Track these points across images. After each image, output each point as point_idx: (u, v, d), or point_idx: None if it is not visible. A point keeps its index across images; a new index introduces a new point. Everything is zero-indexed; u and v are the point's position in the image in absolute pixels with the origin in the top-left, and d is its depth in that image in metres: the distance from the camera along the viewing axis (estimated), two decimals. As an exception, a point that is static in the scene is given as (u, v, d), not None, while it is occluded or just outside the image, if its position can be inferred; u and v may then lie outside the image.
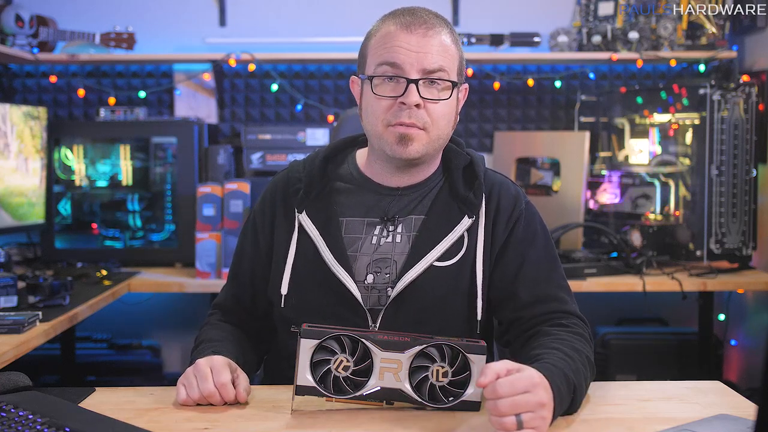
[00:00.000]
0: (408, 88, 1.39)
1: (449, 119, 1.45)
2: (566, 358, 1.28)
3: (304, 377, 1.26)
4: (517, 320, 1.45)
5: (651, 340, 3.10)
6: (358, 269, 1.45)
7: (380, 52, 1.41)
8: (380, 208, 1.49)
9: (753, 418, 0.84)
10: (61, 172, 3.17)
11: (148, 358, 3.31)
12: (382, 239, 1.47)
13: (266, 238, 1.53)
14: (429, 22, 1.41)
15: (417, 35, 1.39)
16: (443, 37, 1.42)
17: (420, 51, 1.39)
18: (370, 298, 1.45)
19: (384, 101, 1.41)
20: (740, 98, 2.85)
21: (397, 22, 1.41)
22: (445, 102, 1.42)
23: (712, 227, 2.85)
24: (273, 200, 1.54)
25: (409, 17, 1.41)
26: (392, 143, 1.41)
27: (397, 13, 1.44)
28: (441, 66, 1.40)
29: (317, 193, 1.50)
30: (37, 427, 1.13)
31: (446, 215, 1.47)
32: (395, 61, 1.39)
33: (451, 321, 1.45)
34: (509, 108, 3.48)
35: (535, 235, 1.50)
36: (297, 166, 1.55)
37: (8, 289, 2.13)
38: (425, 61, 1.39)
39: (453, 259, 1.45)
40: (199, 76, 3.36)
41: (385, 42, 1.41)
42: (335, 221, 1.48)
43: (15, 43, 3.03)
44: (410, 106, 1.39)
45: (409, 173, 1.49)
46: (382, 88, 1.41)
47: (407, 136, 1.40)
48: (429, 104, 1.40)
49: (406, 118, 1.39)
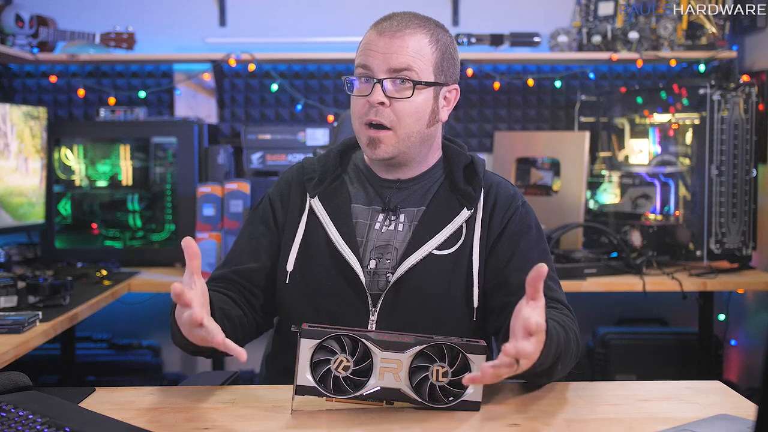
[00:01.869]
0: (373, 88, 1.47)
1: (419, 118, 1.50)
2: (557, 325, 1.32)
3: (304, 377, 1.26)
4: (507, 305, 1.46)
5: (651, 340, 3.10)
6: (363, 254, 1.51)
7: (358, 56, 1.52)
8: (381, 198, 1.56)
9: (753, 418, 0.84)
10: (61, 172, 3.17)
11: (148, 358, 3.31)
12: (385, 227, 1.53)
13: (280, 217, 1.59)
14: (402, 24, 1.49)
15: (386, 37, 1.48)
16: (418, 38, 1.48)
17: (387, 52, 1.47)
18: (371, 282, 1.50)
19: (358, 100, 1.50)
20: (740, 98, 2.85)
21: (376, 28, 1.51)
22: (410, 100, 1.48)
23: (712, 227, 2.85)
24: (289, 184, 1.62)
25: (386, 22, 1.51)
26: (365, 145, 1.52)
27: (381, 19, 1.53)
28: (409, 65, 1.47)
29: (330, 182, 1.58)
30: (37, 427, 1.13)
31: (446, 207, 1.54)
32: (365, 62, 1.49)
33: (448, 308, 1.49)
34: (509, 108, 3.48)
35: (528, 229, 1.55)
36: (311, 160, 1.64)
37: (8, 289, 2.13)
38: (390, 60, 1.47)
39: (451, 248, 1.51)
40: (199, 76, 3.36)
41: (362, 46, 1.52)
42: (346, 208, 1.55)
43: (15, 43, 3.03)
44: (374, 104, 1.47)
45: (399, 169, 1.56)
46: (358, 88, 1.51)
47: (375, 140, 1.49)
48: (395, 102, 1.48)
49: (373, 116, 1.48)
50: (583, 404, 1.33)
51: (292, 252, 1.53)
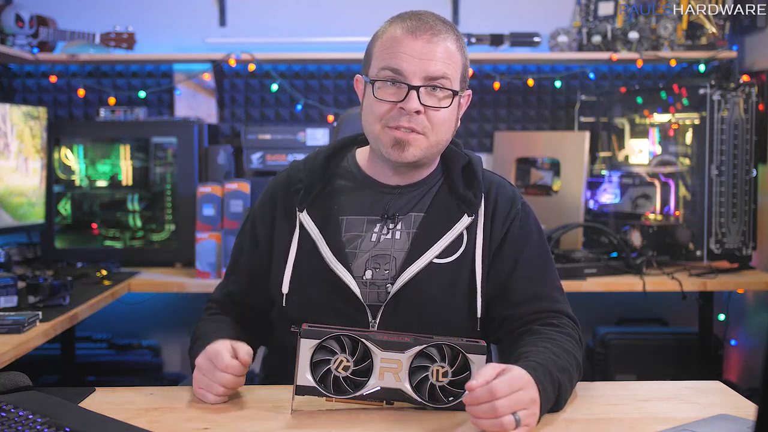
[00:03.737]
0: (409, 95, 1.40)
1: (449, 126, 1.46)
2: (553, 356, 1.29)
3: (304, 377, 1.26)
4: (509, 318, 1.45)
5: (651, 340, 3.10)
6: (357, 265, 1.46)
7: (384, 56, 1.42)
8: (380, 206, 1.50)
9: (753, 418, 0.84)
10: (61, 172, 3.17)
11: (148, 358, 3.31)
12: (382, 236, 1.48)
13: (266, 236, 1.54)
14: (435, 28, 1.42)
15: (421, 41, 1.40)
16: (448, 44, 1.42)
17: (423, 58, 1.40)
18: (369, 294, 1.45)
19: (384, 105, 1.42)
20: (740, 98, 2.85)
21: (403, 27, 1.42)
22: (446, 109, 1.43)
23: (712, 227, 2.85)
24: (273, 199, 1.55)
25: (416, 22, 1.42)
26: (387, 146, 1.43)
27: (404, 17, 1.44)
28: (444, 73, 1.41)
29: (318, 192, 1.51)
30: (37, 427, 1.13)
31: (446, 213, 1.49)
32: (398, 66, 1.40)
33: (450, 318, 1.46)
34: (509, 108, 3.48)
35: (529, 234, 1.51)
36: (298, 166, 1.57)
37: (8, 289, 2.12)
38: (428, 68, 1.40)
39: (452, 256, 1.46)
40: (199, 76, 3.36)
41: (390, 46, 1.42)
42: (335, 219, 1.49)
43: (15, 43, 3.03)
44: (410, 112, 1.40)
45: (408, 174, 1.51)
46: (383, 91, 1.42)
47: (404, 141, 1.42)
48: (429, 111, 1.42)
49: (405, 123, 1.41)
50: (583, 404, 1.33)
51: (286, 274, 1.47)
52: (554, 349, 1.32)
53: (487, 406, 1.13)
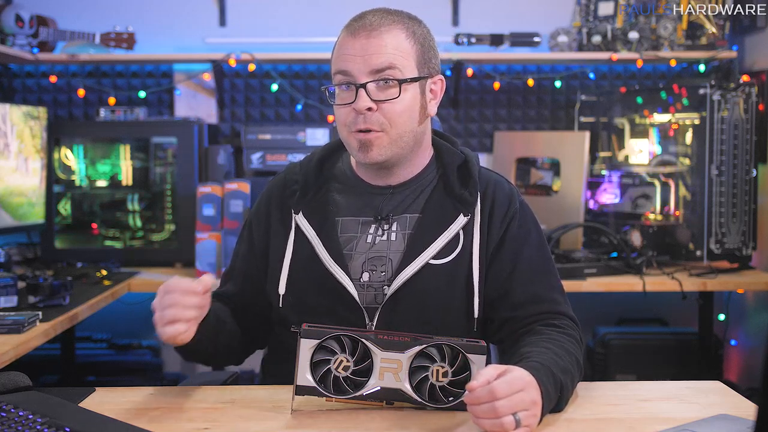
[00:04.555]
0: (357, 94, 1.40)
1: (409, 116, 1.44)
2: (555, 357, 1.29)
3: (304, 377, 1.26)
4: (510, 319, 1.45)
5: (651, 340, 3.10)
6: (354, 267, 1.46)
7: (335, 63, 1.45)
8: (373, 207, 1.50)
9: (753, 418, 0.84)
10: (61, 172, 3.17)
11: (148, 358, 3.31)
12: (377, 238, 1.47)
13: (261, 239, 1.54)
14: (375, 23, 1.42)
15: (360, 38, 1.42)
16: (393, 34, 1.42)
17: (364, 54, 1.41)
18: (366, 296, 1.45)
19: (343, 109, 1.43)
20: (740, 98, 2.85)
21: (347, 29, 1.45)
22: (398, 100, 1.41)
23: (712, 227, 2.85)
24: (269, 202, 1.56)
25: (358, 22, 1.44)
26: (356, 149, 1.44)
27: (351, 20, 1.47)
28: (390, 64, 1.40)
29: (313, 194, 1.52)
30: (37, 427, 1.13)
31: (441, 213, 1.47)
32: (344, 68, 1.42)
33: (448, 319, 1.45)
34: (509, 108, 3.48)
35: (528, 233, 1.50)
36: (294, 168, 1.57)
37: (8, 289, 2.12)
38: (370, 62, 1.40)
39: (449, 257, 1.45)
40: (199, 76, 3.36)
41: (338, 51, 1.45)
42: (331, 221, 1.49)
43: (15, 43, 3.03)
44: (361, 110, 1.40)
45: (392, 173, 1.50)
46: (340, 96, 1.44)
47: (366, 142, 1.42)
48: (383, 105, 1.41)
49: (361, 124, 1.41)
50: (583, 404, 1.33)
51: (282, 275, 1.47)
52: (556, 349, 1.32)
53: (487, 406, 1.13)
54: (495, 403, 1.12)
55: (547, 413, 1.22)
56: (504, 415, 1.12)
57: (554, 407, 1.25)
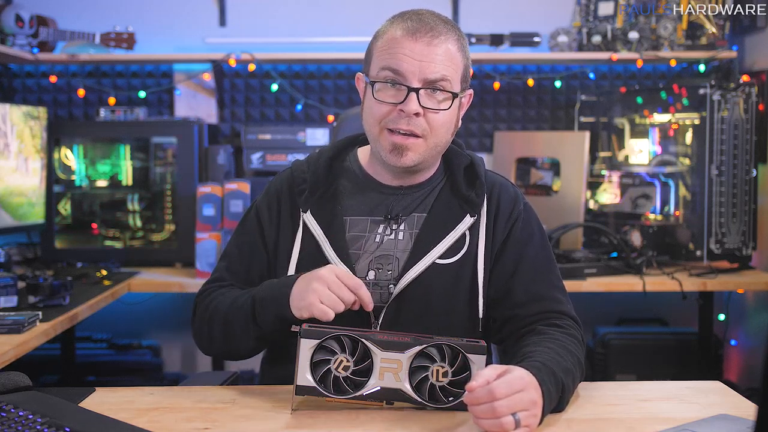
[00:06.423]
0: (408, 97, 1.39)
1: (448, 128, 1.45)
2: (557, 357, 1.29)
3: (304, 377, 1.26)
4: (512, 318, 1.45)
5: (651, 340, 3.10)
6: (360, 266, 1.46)
7: (384, 57, 1.41)
8: (384, 207, 1.50)
9: (753, 418, 0.84)
10: (61, 172, 3.17)
11: (148, 358, 3.31)
12: (385, 237, 1.48)
13: (272, 233, 1.53)
14: (436, 29, 1.40)
15: (421, 43, 1.39)
16: (449, 45, 1.41)
17: (423, 60, 1.38)
18: (372, 294, 1.44)
19: (384, 106, 1.41)
20: (740, 98, 2.85)
21: (404, 27, 1.41)
22: (445, 112, 1.42)
23: (712, 227, 2.85)
24: (279, 197, 1.54)
25: (417, 23, 1.40)
26: (386, 150, 1.43)
27: (405, 17, 1.43)
28: (444, 75, 1.40)
29: (322, 193, 1.51)
30: (37, 427, 1.13)
31: (448, 213, 1.48)
32: (397, 68, 1.39)
33: (452, 318, 1.46)
34: (509, 108, 3.48)
35: (532, 235, 1.51)
36: (301, 166, 1.55)
37: (8, 289, 2.13)
38: (427, 70, 1.39)
39: (455, 257, 1.46)
40: (199, 76, 3.36)
41: (390, 47, 1.41)
42: (339, 220, 1.49)
43: (15, 43, 3.03)
44: (409, 114, 1.39)
45: (410, 176, 1.50)
46: (383, 93, 1.42)
47: (402, 146, 1.41)
48: (429, 113, 1.40)
49: (404, 125, 1.40)
50: (583, 404, 1.33)
51: (289, 272, 1.47)
52: (558, 349, 1.32)
53: (486, 406, 1.13)
54: (494, 404, 1.13)
55: (548, 413, 1.22)
56: (503, 415, 1.13)
57: (555, 407, 1.25)
